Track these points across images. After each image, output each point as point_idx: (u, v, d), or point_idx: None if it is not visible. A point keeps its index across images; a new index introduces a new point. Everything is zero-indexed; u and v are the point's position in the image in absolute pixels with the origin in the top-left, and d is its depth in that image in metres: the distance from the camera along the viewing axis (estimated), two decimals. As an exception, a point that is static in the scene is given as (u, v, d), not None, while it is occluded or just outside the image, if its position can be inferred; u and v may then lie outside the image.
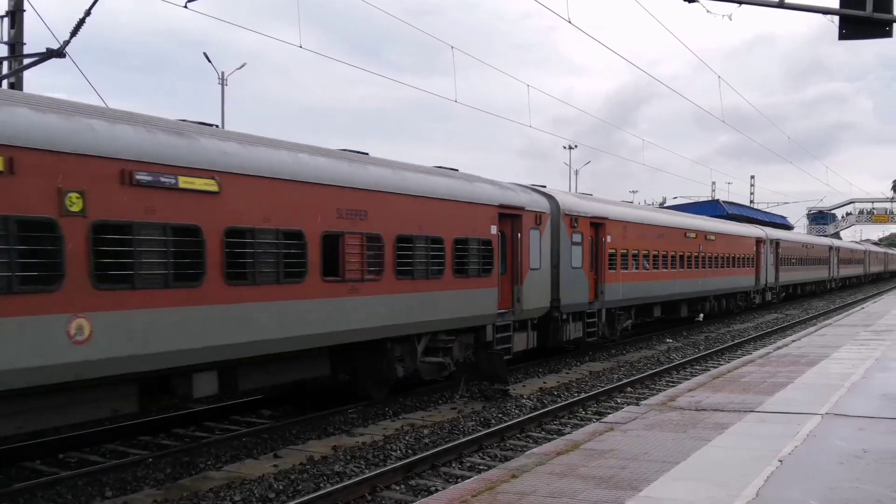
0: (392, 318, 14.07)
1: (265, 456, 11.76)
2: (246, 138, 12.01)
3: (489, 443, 12.52)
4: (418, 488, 10.21)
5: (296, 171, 12.16)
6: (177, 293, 10.25)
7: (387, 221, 13.84)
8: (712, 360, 22.28)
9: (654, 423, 10.88)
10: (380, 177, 13.97)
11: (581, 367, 20.91)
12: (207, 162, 10.71)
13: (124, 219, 9.61)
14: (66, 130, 9.18)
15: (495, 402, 15.73)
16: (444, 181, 15.98)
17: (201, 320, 10.56)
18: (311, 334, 12.36)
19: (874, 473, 8.05)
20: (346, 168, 13.33)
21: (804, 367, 16.00)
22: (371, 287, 13.51)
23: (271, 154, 11.99)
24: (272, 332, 11.60)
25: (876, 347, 19.36)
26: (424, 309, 14.96)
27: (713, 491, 7.47)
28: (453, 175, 16.82)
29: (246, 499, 9.67)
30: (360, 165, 13.77)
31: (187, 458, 11.36)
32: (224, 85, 44.14)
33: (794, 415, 11.07)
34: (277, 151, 12.17)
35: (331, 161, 13.22)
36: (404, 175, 14.79)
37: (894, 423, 10.55)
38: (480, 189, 17.08)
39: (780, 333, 29.46)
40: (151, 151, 10.01)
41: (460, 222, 16.00)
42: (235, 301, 11.06)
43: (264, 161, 11.69)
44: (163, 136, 10.38)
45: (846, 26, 11.83)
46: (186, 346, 10.39)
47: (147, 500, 9.69)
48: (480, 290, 16.67)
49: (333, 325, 12.75)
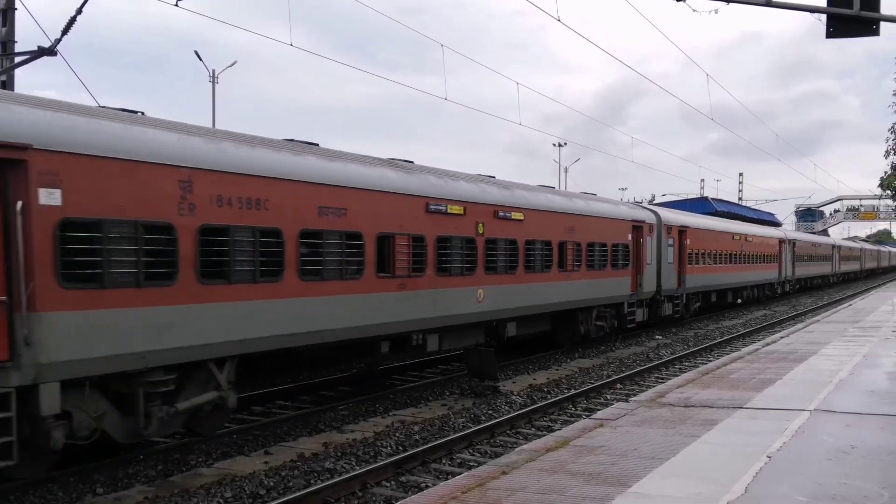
0: (582, 294, 22.14)
1: (256, 453, 11.77)
2: (370, 160, 15.07)
3: (479, 439, 12.56)
4: (408, 485, 10.23)
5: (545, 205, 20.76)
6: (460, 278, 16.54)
7: (584, 234, 22.12)
8: (701, 357, 22.38)
9: (644, 419, 10.93)
10: (587, 208, 22.85)
11: (571, 364, 20.97)
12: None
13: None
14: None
15: (485, 399, 15.78)
16: (605, 206, 24.74)
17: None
18: (542, 304, 20.11)
19: (862, 469, 8.12)
20: (575, 205, 22.31)
21: (792, 364, 16.10)
22: (576, 275, 21.67)
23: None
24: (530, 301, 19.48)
25: (864, 344, 19.49)
26: (596, 289, 22.90)
27: (702, 487, 7.52)
28: (606, 200, 26.04)
29: (237, 495, 9.68)
30: (584, 202, 23.13)
31: (178, 456, 11.35)
32: (215, 83, 44.05)
33: (783, 411, 11.14)
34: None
35: (567, 201, 22.26)
36: (593, 205, 23.67)
37: (882, 419, 10.64)
38: (622, 210, 26.07)
39: (768, 330, 29.61)
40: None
41: (613, 232, 24.22)
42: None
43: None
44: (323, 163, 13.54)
45: (833, 24, 11.89)
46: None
47: (138, 497, 9.68)
48: (623, 278, 24.88)
49: (555, 297, 20.66)
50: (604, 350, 23.70)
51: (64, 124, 9.30)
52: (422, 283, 15.30)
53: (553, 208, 20.78)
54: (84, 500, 9.64)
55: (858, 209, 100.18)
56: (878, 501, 7.05)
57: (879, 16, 11.79)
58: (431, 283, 15.58)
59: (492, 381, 16.67)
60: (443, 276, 15.94)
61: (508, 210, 18.35)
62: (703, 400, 12.26)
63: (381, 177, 14.51)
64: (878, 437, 9.51)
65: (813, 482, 7.63)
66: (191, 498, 9.58)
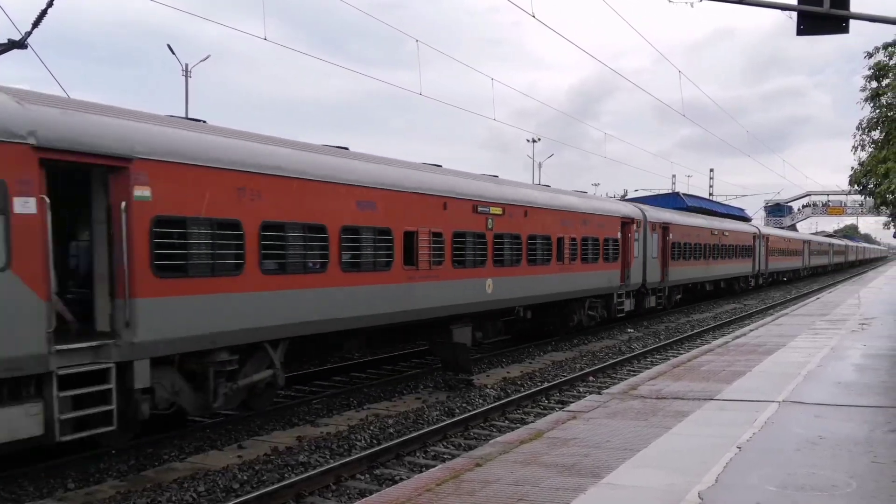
0: (577, 286, 23.53)
1: (229, 447, 11.71)
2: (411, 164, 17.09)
3: (453, 432, 12.61)
4: (383, 478, 10.25)
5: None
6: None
7: (580, 229, 23.70)
8: (672, 350, 22.61)
9: (616, 411, 11.04)
10: (582, 205, 24.49)
11: (544, 357, 21.09)
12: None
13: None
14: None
15: (459, 392, 15.82)
16: (598, 203, 26.85)
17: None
18: (543, 294, 21.51)
19: (830, 459, 8.26)
20: (571, 202, 23.91)
21: (762, 356, 16.32)
22: (573, 267, 23.12)
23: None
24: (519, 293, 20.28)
25: (831, 336, 19.79)
26: (589, 281, 24.36)
27: (673, 478, 7.61)
28: (599, 198, 29.68)
29: (210, 489, 9.64)
30: (579, 200, 24.92)
31: (151, 450, 11.27)
32: (188, 77, 43.62)
33: (752, 402, 11.29)
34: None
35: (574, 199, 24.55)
36: (588, 202, 25.57)
37: (849, 410, 10.83)
38: (613, 206, 27.84)
39: (738, 323, 29.97)
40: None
41: (605, 228, 25.72)
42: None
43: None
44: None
45: (804, 22, 12.03)
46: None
47: (110, 492, 9.60)
48: (613, 271, 26.49)
49: (562, 287, 22.54)
50: (577, 343, 23.87)
51: (158, 136, 10.74)
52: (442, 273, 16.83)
53: (553, 205, 22.51)
54: (55, 495, 9.54)
55: (826, 204, 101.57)
56: (846, 490, 7.19)
57: (849, 13, 11.94)
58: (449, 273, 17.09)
59: (466, 374, 16.72)
60: (458, 268, 17.37)
61: (514, 207, 19.89)
62: (674, 392, 12.40)
63: (403, 177, 15.88)
64: (845, 428, 9.68)
65: (782, 472, 7.76)
66: (163, 492, 9.52)
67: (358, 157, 15.18)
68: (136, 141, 10.31)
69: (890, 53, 24.33)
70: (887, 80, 24.50)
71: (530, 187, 22.87)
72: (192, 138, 11.29)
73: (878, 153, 25.03)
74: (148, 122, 10.88)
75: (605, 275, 25.78)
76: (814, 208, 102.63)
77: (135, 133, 10.40)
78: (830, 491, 7.17)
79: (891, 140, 23.78)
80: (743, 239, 46.94)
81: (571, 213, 23.43)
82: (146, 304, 10.27)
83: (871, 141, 27.55)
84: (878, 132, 26.76)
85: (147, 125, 10.76)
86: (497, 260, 18.82)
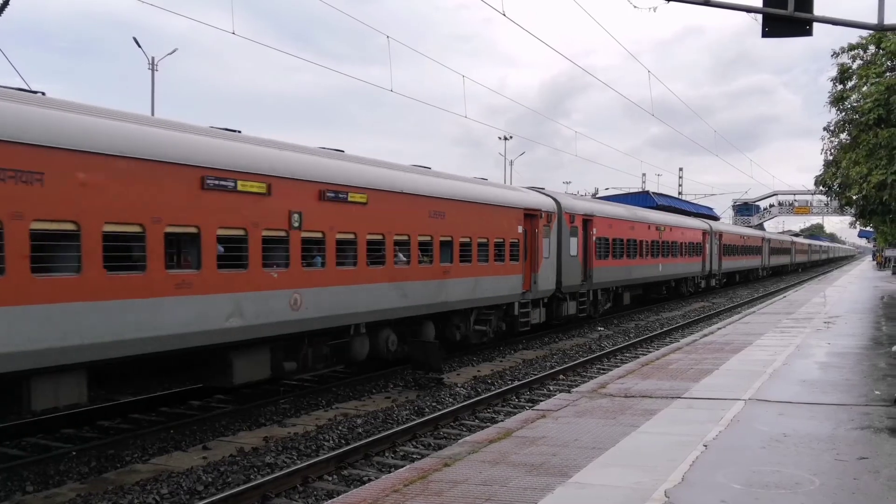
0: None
1: (194, 448, 11.55)
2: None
3: (423, 431, 12.55)
4: (351, 478, 10.17)
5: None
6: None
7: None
8: (642, 348, 22.75)
9: (585, 409, 11.05)
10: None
11: (515, 356, 21.11)
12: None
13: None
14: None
15: (429, 391, 15.77)
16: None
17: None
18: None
19: (794, 457, 8.33)
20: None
21: (729, 354, 16.47)
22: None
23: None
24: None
25: (797, 335, 20.03)
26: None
27: (640, 476, 7.62)
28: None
29: (173, 492, 9.49)
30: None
31: (112, 451, 11.08)
32: (154, 70, 43.08)
33: (719, 400, 11.38)
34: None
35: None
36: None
37: (813, 407, 10.95)
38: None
39: (706, 321, 30.23)
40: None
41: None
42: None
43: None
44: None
45: (769, 24, 12.12)
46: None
47: (70, 495, 9.41)
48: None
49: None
50: (547, 342, 23.92)
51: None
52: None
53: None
54: (13, 498, 9.34)
55: (793, 204, 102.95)
56: (809, 488, 7.25)
57: (812, 17, 12.06)
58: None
59: (436, 373, 16.68)
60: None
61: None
62: (642, 390, 12.45)
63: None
64: (809, 426, 9.78)
65: (747, 470, 7.81)
66: (125, 495, 9.34)
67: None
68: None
69: (853, 56, 24.68)
70: (851, 82, 24.85)
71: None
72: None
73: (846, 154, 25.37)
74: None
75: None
76: (781, 208, 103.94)
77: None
78: (794, 489, 7.22)
79: (859, 143, 24.12)
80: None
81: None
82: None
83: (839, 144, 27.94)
84: (845, 134, 27.13)
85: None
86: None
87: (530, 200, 23.13)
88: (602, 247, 28.79)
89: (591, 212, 28.11)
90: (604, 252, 28.92)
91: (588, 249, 27.44)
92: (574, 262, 26.08)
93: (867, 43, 23.75)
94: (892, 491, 7.17)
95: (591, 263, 27.51)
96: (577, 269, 26.35)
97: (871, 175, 22.82)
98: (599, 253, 28.39)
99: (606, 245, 29.24)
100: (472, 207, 19.47)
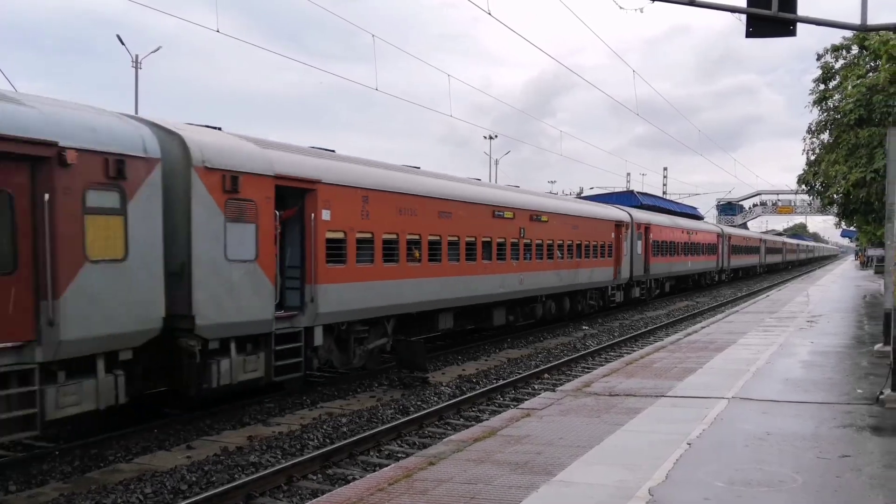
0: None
1: (178, 447, 11.50)
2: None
3: (408, 430, 12.54)
4: (335, 477, 10.15)
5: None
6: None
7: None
8: (626, 347, 22.82)
9: (570, 408, 11.08)
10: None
11: (499, 355, 21.13)
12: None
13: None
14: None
15: (414, 390, 15.76)
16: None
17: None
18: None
19: (777, 455, 8.39)
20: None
21: (712, 353, 16.56)
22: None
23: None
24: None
25: (780, 334, 20.17)
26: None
27: (624, 474, 7.65)
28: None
29: (157, 491, 9.43)
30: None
31: (96, 451, 11.01)
32: (138, 69, 42.81)
33: (703, 399, 11.44)
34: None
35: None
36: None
37: (796, 406, 11.03)
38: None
39: (690, 320, 30.39)
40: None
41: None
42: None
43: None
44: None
45: (753, 24, 12.18)
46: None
47: (53, 494, 9.35)
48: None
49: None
50: (532, 341, 23.97)
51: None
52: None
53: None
54: (-5, 498, 9.26)
55: (776, 203, 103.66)
56: (792, 486, 7.30)
57: (796, 17, 12.13)
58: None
59: (421, 372, 16.67)
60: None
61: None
62: (627, 389, 12.50)
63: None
64: (792, 424, 9.85)
65: (731, 468, 7.85)
66: (109, 494, 9.29)
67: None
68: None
69: (836, 56, 24.86)
70: (834, 82, 25.03)
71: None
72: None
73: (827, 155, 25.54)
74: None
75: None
76: (764, 207, 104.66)
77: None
78: (777, 486, 7.27)
79: (840, 143, 24.30)
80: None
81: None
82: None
83: (821, 144, 28.13)
84: (826, 135, 27.32)
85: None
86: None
87: (617, 215, 33.41)
88: (656, 248, 38.14)
89: (650, 221, 37.71)
90: (656, 252, 38.08)
91: (648, 250, 36.92)
92: (640, 259, 35.39)
93: (851, 43, 23.92)
94: (873, 489, 7.23)
95: (649, 260, 36.88)
96: (641, 264, 35.69)
97: (851, 173, 23.01)
98: (654, 252, 37.61)
99: (658, 246, 38.46)
100: (590, 221, 29.94)
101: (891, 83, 20.16)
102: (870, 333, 20.15)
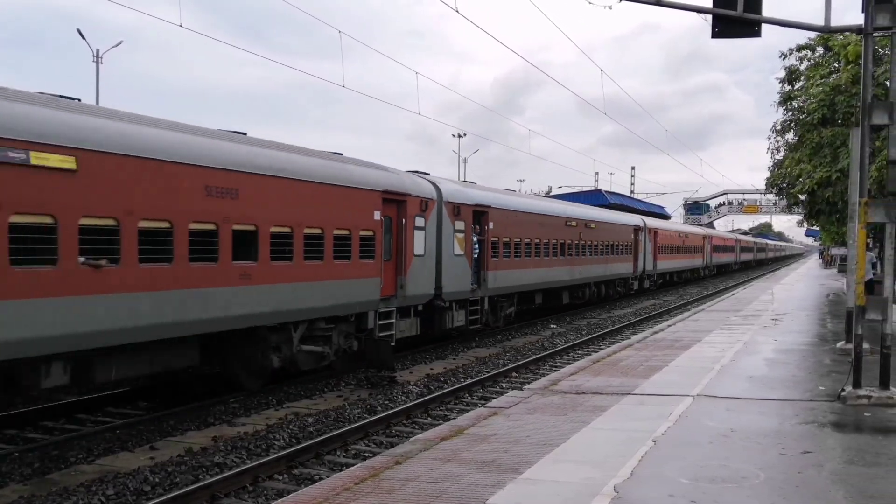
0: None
1: (141, 448, 11.32)
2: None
3: (375, 430, 12.48)
4: (302, 477, 10.06)
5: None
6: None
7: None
8: (593, 345, 22.95)
9: (537, 406, 11.10)
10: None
11: (468, 353, 21.14)
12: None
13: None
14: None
15: (382, 389, 15.70)
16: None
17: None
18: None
19: (741, 452, 8.47)
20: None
21: (678, 351, 16.70)
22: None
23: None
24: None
25: (745, 332, 20.40)
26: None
27: (590, 471, 7.68)
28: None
29: (120, 493, 9.28)
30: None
31: (56, 452, 10.81)
32: (99, 63, 42.20)
33: (668, 397, 11.52)
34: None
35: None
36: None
37: (759, 403, 11.15)
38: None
39: (657, 318, 30.65)
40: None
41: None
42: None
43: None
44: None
45: (719, 25, 12.25)
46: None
47: (13, 497, 9.15)
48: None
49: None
50: (500, 339, 24.02)
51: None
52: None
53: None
54: (-50, 501, 9.06)
55: (742, 203, 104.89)
56: (755, 482, 7.37)
57: (761, 18, 12.22)
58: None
59: (389, 370, 16.60)
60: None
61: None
62: (593, 387, 12.55)
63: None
64: (755, 421, 9.95)
65: (695, 465, 7.91)
66: (70, 496, 9.12)
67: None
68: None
69: (801, 57, 25.21)
70: (799, 83, 25.38)
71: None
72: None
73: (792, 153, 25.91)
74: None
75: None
76: (730, 206, 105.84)
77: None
78: (740, 483, 7.34)
79: (804, 142, 24.65)
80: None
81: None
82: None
83: (786, 143, 28.52)
84: (791, 134, 27.69)
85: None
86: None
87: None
88: (661, 248, 43.77)
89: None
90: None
91: (655, 250, 41.43)
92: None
93: (816, 44, 24.29)
94: (834, 484, 7.33)
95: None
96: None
97: (816, 172, 23.37)
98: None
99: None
100: (619, 227, 38.97)
101: (853, 84, 20.49)
102: (833, 331, 20.47)
